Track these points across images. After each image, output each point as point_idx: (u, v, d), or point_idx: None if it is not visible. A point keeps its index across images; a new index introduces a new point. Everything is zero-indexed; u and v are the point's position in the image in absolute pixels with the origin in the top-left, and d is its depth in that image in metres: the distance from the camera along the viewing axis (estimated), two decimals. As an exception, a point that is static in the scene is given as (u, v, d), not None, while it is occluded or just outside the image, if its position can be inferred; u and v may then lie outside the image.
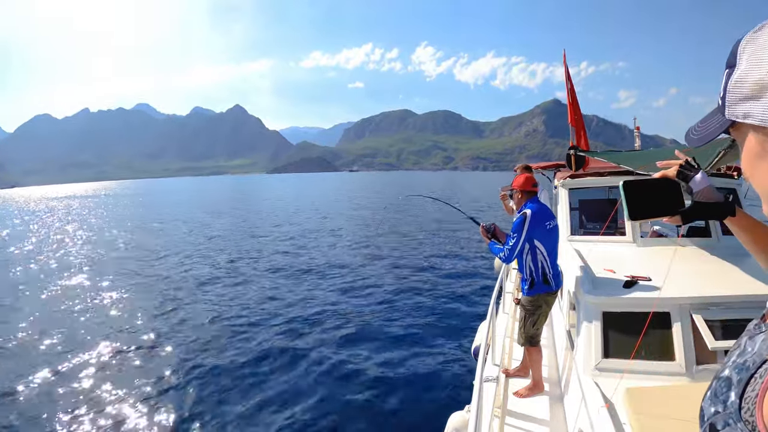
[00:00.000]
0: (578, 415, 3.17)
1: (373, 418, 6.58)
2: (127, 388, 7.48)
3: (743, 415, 0.65)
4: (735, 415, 0.66)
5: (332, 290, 13.42)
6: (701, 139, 0.83)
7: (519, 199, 4.23)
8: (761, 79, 0.64)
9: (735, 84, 0.70)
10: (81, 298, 13.17)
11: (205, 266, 17.35)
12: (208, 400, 7.13)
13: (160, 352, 8.92)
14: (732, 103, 0.71)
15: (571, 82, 6.75)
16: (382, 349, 8.89)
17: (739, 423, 0.65)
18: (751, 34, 0.68)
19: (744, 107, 0.69)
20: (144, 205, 61.79)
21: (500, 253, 4.03)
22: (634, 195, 1.14)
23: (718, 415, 0.70)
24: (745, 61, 0.68)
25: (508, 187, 4.36)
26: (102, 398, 7.20)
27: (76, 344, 9.41)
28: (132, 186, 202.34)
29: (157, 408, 6.87)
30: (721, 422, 0.69)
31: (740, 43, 0.70)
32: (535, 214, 3.93)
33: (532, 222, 3.89)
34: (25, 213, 54.16)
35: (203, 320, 10.70)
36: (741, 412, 0.65)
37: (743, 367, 0.69)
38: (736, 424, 0.65)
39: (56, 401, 7.14)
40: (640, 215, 1.14)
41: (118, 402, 7.05)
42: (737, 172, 5.32)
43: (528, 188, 4.18)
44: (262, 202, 59.77)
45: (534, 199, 4.14)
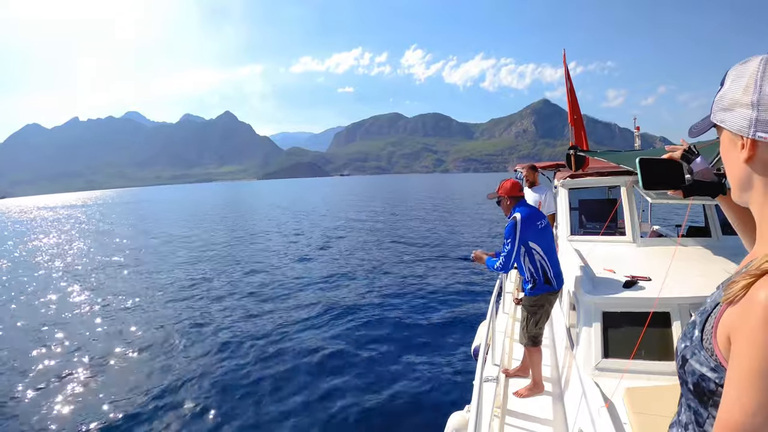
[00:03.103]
0: (578, 415, 3.17)
1: (373, 418, 6.57)
2: (128, 393, 7.41)
3: (704, 344, 0.88)
4: (698, 345, 0.90)
5: (332, 291, 13.40)
6: (696, 132, 1.07)
7: (507, 205, 4.26)
8: (734, 98, 0.89)
9: (719, 98, 0.95)
10: (77, 308, 13.04)
11: (199, 276, 17.23)
12: (208, 400, 7.09)
13: (153, 360, 8.82)
14: (715, 111, 0.96)
15: (570, 82, 6.71)
16: (381, 349, 8.89)
17: (702, 351, 0.88)
18: (738, 65, 0.91)
19: (722, 115, 0.93)
20: (132, 215, 61.27)
21: (496, 263, 4.05)
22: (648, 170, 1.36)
23: (687, 348, 0.94)
24: (728, 83, 0.92)
25: (495, 194, 4.37)
26: (97, 407, 7.14)
27: (72, 350, 9.32)
28: (120, 195, 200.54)
29: (152, 414, 6.83)
30: (689, 352, 0.92)
31: (730, 70, 0.93)
32: (524, 218, 3.96)
33: (523, 225, 3.92)
34: (16, 224, 53.55)
35: (202, 322, 10.64)
36: (702, 342, 0.89)
37: (703, 311, 0.94)
38: (700, 352, 0.89)
39: (50, 412, 7.09)
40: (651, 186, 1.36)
41: (115, 410, 7.00)
42: None
43: (515, 194, 4.23)
44: (252, 211, 59.42)
45: (522, 203, 4.19)
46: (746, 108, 0.87)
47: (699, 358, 0.89)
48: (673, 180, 1.38)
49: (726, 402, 0.77)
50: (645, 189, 1.40)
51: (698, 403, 0.92)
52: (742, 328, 0.77)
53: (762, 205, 0.91)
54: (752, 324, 0.74)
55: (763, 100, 0.84)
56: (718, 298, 0.89)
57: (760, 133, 0.85)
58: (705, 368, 0.87)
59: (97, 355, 9.23)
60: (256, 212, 51.96)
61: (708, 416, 0.89)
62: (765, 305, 0.73)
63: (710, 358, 0.86)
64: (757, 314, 0.74)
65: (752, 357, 0.73)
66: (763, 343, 0.72)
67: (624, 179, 5.50)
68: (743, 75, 0.89)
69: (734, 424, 0.73)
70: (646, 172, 1.39)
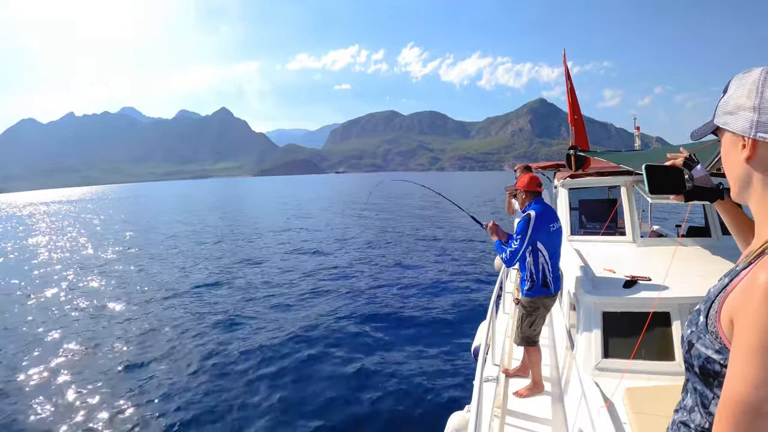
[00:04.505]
0: (578, 415, 3.18)
1: (374, 418, 6.58)
2: (127, 392, 7.42)
3: (709, 328, 0.95)
4: (703, 330, 0.97)
5: (331, 292, 13.38)
6: (699, 134, 1.16)
7: (523, 199, 4.17)
8: (738, 103, 0.99)
9: (723, 103, 1.04)
10: (79, 304, 13.02)
11: (203, 271, 17.21)
12: (207, 400, 7.08)
13: (153, 360, 8.81)
14: (719, 115, 1.05)
15: (570, 82, 6.69)
16: (382, 349, 8.90)
17: (707, 335, 0.95)
18: (740, 75, 1.01)
19: (725, 118, 1.03)
20: (126, 210, 60.99)
21: (503, 254, 3.93)
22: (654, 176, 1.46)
23: (692, 333, 1.01)
24: (732, 90, 1.02)
25: (513, 186, 4.31)
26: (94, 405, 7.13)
27: (71, 349, 9.32)
28: (116, 191, 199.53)
29: (146, 411, 6.82)
30: (695, 337, 0.99)
31: (732, 79, 1.04)
32: (539, 216, 3.87)
33: (535, 224, 3.84)
34: (11, 220, 53.21)
35: (201, 323, 10.63)
36: (707, 327, 0.96)
37: (707, 299, 1.01)
38: (705, 336, 0.96)
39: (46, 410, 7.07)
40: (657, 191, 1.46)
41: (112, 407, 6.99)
42: None
43: (533, 188, 4.13)
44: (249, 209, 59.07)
45: (538, 200, 4.08)
46: (749, 111, 0.96)
47: (704, 342, 0.95)
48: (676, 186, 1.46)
49: (730, 378, 0.82)
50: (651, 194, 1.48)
51: (704, 386, 0.98)
52: (745, 309, 0.83)
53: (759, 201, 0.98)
54: (754, 304, 0.81)
55: (763, 104, 0.93)
56: (721, 287, 0.97)
57: (761, 134, 0.93)
58: (710, 351, 0.94)
59: (97, 355, 9.24)
60: (256, 209, 51.72)
61: (713, 397, 0.95)
62: (765, 287, 0.80)
63: (715, 341, 0.93)
64: (758, 295, 0.80)
65: (754, 334, 0.79)
66: (764, 320, 0.78)
67: (624, 179, 5.50)
68: (746, 82, 0.98)
69: (738, 397, 0.78)
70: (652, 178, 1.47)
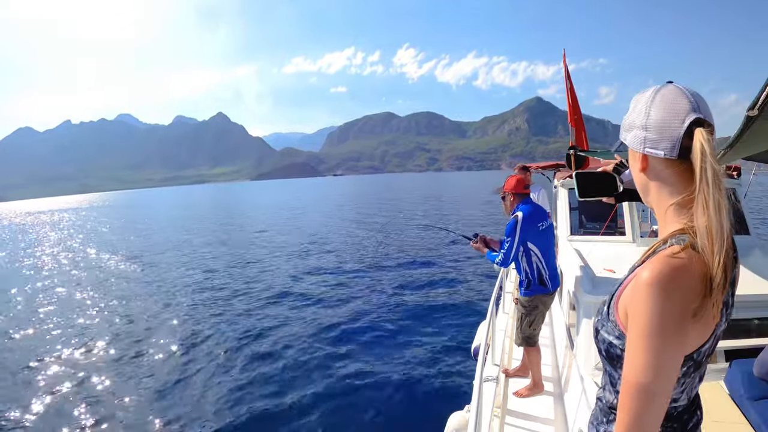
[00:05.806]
0: (578, 415, 3.16)
1: (374, 418, 6.57)
2: (129, 392, 7.38)
3: (610, 317, 1.07)
4: (605, 318, 1.09)
5: (331, 292, 13.37)
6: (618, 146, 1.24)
7: (511, 201, 4.19)
8: (632, 121, 1.10)
9: (623, 121, 1.16)
10: (81, 310, 12.98)
11: (201, 273, 17.17)
12: (207, 401, 7.06)
13: (156, 359, 8.79)
14: (621, 131, 1.17)
15: (570, 82, 6.66)
16: (381, 349, 8.88)
17: (609, 323, 1.07)
18: (638, 95, 1.11)
19: (624, 135, 1.14)
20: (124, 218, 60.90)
21: (496, 259, 3.98)
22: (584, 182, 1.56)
23: (599, 321, 1.13)
24: (630, 108, 1.12)
25: (500, 188, 4.31)
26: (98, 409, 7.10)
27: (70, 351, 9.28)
28: (114, 198, 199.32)
29: (151, 410, 6.80)
30: (600, 324, 1.11)
31: (633, 98, 1.13)
32: (526, 217, 3.90)
33: (523, 225, 3.87)
34: (9, 228, 53.08)
35: (201, 324, 10.60)
36: (609, 315, 1.08)
37: (613, 292, 1.11)
38: (607, 323, 1.08)
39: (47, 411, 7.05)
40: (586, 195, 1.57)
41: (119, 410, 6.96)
42: (737, 172, 5.30)
43: (519, 191, 4.15)
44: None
45: (526, 200, 4.11)
46: (639, 129, 1.07)
47: (607, 329, 1.07)
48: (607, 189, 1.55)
49: (625, 364, 0.95)
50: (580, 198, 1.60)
51: (611, 367, 1.09)
52: (633, 301, 0.95)
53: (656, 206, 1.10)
54: (638, 297, 0.93)
55: (650, 123, 1.03)
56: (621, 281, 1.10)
57: (648, 149, 1.05)
58: (612, 337, 1.05)
59: (97, 356, 9.18)
60: (253, 214, 51.76)
61: (618, 377, 1.04)
62: (646, 282, 0.92)
63: (615, 329, 1.04)
64: (641, 289, 0.92)
65: (639, 323, 0.92)
66: (646, 311, 0.91)
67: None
68: (639, 102, 1.08)
69: (633, 380, 0.91)
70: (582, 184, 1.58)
